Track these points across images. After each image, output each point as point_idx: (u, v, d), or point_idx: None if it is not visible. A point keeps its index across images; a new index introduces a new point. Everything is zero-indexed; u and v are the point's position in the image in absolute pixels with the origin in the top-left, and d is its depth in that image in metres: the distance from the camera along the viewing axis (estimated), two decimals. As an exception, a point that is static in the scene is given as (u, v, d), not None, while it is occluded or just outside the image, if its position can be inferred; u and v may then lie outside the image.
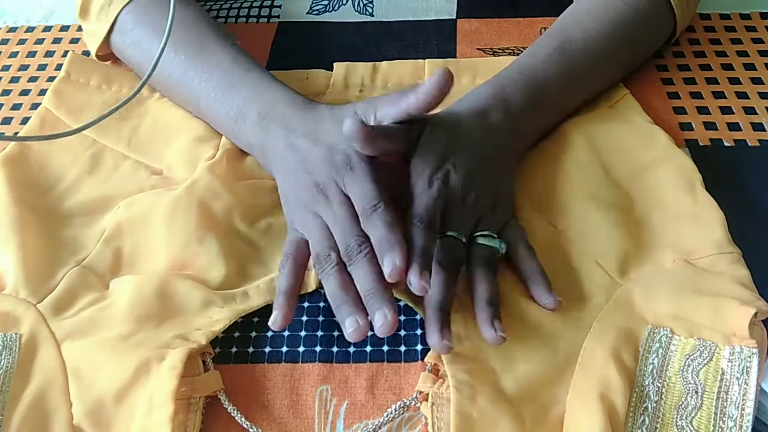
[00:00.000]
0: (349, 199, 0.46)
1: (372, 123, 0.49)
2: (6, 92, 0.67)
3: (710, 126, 0.59)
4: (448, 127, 0.50)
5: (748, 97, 0.62)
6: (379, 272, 0.44)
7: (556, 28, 0.59)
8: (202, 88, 0.57)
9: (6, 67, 0.70)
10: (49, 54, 0.71)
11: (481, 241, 0.47)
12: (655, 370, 0.42)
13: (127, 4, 0.61)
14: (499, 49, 0.68)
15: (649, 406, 0.41)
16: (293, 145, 0.51)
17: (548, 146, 0.56)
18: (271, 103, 0.54)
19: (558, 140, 0.56)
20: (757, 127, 0.59)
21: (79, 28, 0.71)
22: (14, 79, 0.68)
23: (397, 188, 0.48)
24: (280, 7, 0.74)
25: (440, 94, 0.46)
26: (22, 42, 0.73)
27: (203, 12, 0.62)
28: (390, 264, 0.42)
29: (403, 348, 0.46)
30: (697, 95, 0.62)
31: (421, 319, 0.47)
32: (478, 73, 0.63)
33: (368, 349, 0.46)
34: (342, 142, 0.48)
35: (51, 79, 0.67)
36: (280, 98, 0.54)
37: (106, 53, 0.65)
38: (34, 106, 0.65)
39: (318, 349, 0.47)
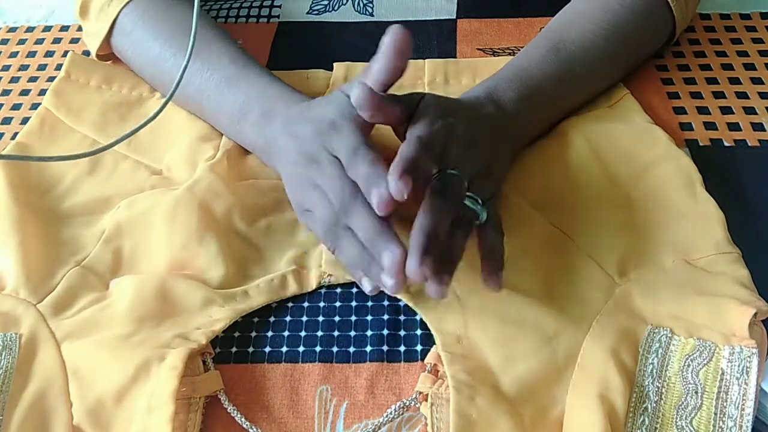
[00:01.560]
0: (338, 159, 0.46)
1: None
2: (6, 92, 0.67)
3: (710, 126, 0.60)
4: (446, 99, 0.50)
5: (748, 97, 0.62)
6: (376, 214, 0.42)
7: (551, 30, 0.59)
8: (203, 88, 0.57)
9: (6, 67, 0.70)
10: (49, 54, 0.71)
11: (465, 201, 0.45)
12: (654, 370, 0.42)
13: (126, 4, 0.61)
14: (499, 49, 0.68)
15: (649, 406, 0.41)
16: (291, 133, 0.50)
17: (548, 146, 0.56)
18: (272, 102, 0.54)
19: (558, 140, 0.56)
20: (757, 127, 0.59)
21: (79, 28, 0.71)
22: (14, 79, 0.68)
23: None
24: (280, 7, 0.74)
25: (399, 51, 0.44)
26: (22, 42, 0.73)
27: (203, 12, 0.62)
28: (376, 196, 0.41)
29: (403, 348, 0.46)
30: (697, 95, 0.62)
31: (421, 319, 0.47)
32: (478, 73, 0.63)
33: (368, 349, 0.46)
34: (329, 113, 0.47)
35: (51, 79, 0.67)
36: (280, 96, 0.54)
37: (107, 53, 0.65)
38: (34, 106, 0.65)
39: (318, 349, 0.47)
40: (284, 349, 0.47)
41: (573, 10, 0.60)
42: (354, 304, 0.49)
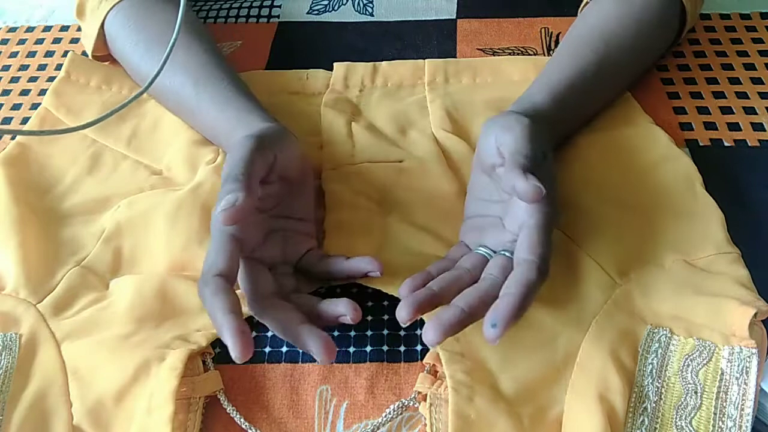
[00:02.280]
0: None
1: None
2: (6, 92, 0.67)
3: (710, 126, 0.60)
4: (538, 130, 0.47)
5: (748, 97, 0.62)
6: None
7: (593, 38, 0.56)
8: (180, 107, 0.57)
9: (6, 67, 0.70)
10: (49, 54, 0.71)
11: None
12: (654, 371, 0.42)
13: (114, 5, 0.61)
14: (499, 49, 0.68)
15: (649, 406, 0.41)
16: None
17: (548, 146, 0.56)
18: (228, 133, 0.52)
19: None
20: (757, 127, 0.59)
21: (79, 28, 0.71)
22: (14, 79, 0.69)
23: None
24: (280, 7, 0.74)
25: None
26: (22, 42, 0.73)
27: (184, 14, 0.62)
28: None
29: (402, 348, 0.46)
30: (697, 95, 0.62)
31: (421, 319, 0.47)
32: (478, 73, 0.64)
33: (368, 349, 0.46)
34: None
35: (51, 79, 0.67)
36: (238, 122, 0.52)
37: (103, 54, 0.65)
38: (34, 106, 0.65)
39: (318, 349, 0.47)
40: (284, 349, 0.47)
41: (609, 14, 0.58)
42: (354, 304, 0.49)
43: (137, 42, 0.59)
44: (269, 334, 0.47)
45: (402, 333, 0.47)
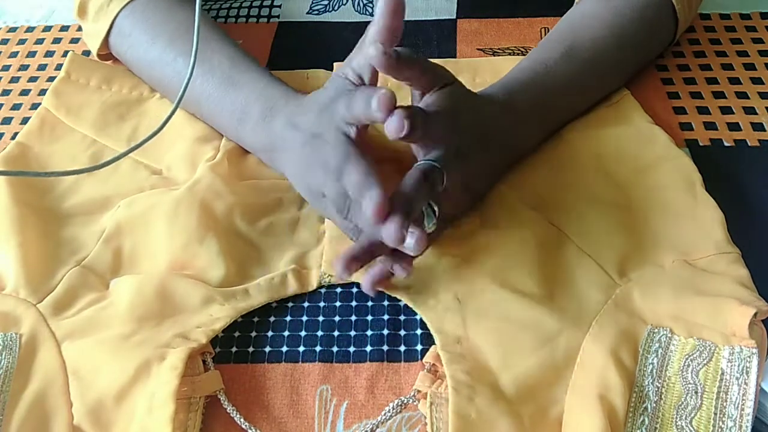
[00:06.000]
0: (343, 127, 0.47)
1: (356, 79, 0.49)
2: (6, 92, 0.67)
3: (710, 126, 0.60)
4: (468, 100, 0.50)
5: (748, 97, 0.62)
6: (365, 170, 0.44)
7: (564, 32, 0.58)
8: (203, 90, 0.56)
9: (6, 67, 0.70)
10: (49, 54, 0.71)
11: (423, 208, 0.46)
12: (654, 370, 0.42)
13: (125, 6, 0.61)
14: (499, 49, 0.68)
15: (649, 406, 0.41)
16: (293, 125, 0.50)
17: (548, 146, 0.56)
18: (272, 101, 0.54)
19: (558, 140, 0.56)
20: (757, 127, 0.59)
21: (79, 28, 0.71)
22: (14, 79, 0.69)
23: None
24: (280, 7, 0.74)
25: (393, 12, 0.44)
26: (22, 42, 0.73)
27: (203, 12, 0.62)
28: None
29: (403, 348, 0.46)
30: (697, 95, 0.62)
31: (421, 319, 0.47)
32: (478, 73, 0.64)
33: (368, 349, 0.46)
34: (328, 94, 0.48)
35: (51, 79, 0.67)
36: (280, 95, 0.54)
37: (108, 52, 0.65)
38: (34, 106, 0.65)
39: (318, 349, 0.47)
40: (284, 348, 0.47)
41: (586, 11, 0.60)
42: (354, 303, 0.49)
43: (155, 37, 0.59)
44: (269, 334, 0.47)
45: (402, 333, 0.47)
